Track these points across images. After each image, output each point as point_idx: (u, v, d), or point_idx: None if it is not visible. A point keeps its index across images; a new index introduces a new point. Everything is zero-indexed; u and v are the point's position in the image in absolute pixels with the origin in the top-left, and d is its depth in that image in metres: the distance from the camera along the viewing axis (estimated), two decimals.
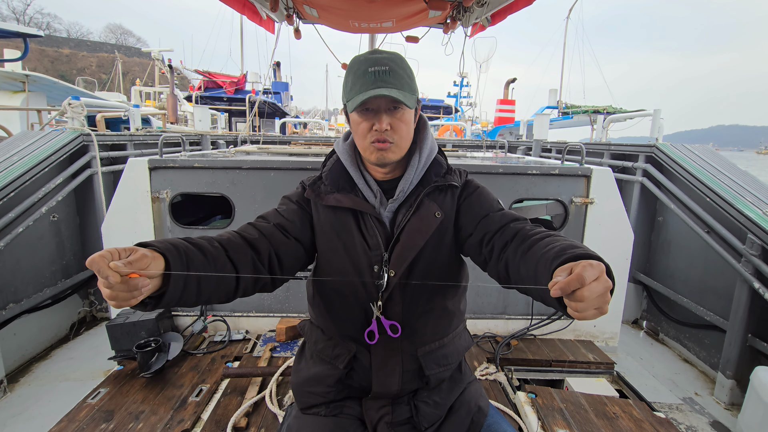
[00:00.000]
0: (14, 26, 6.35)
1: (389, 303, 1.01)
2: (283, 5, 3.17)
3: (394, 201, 1.03)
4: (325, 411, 1.07)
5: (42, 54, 41.68)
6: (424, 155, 1.06)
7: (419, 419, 1.04)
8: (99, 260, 0.64)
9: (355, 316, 1.04)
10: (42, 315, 2.63)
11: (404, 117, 0.98)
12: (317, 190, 1.06)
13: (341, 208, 1.03)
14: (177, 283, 0.75)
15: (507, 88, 19.13)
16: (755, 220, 2.18)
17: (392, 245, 1.00)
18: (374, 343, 1.02)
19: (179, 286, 0.76)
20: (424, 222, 1.00)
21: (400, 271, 0.99)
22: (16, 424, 1.96)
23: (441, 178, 1.06)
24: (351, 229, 1.03)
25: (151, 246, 0.75)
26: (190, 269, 0.78)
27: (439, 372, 1.07)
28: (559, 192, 2.40)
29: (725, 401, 2.27)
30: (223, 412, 1.71)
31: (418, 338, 1.05)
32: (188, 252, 0.80)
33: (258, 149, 3.66)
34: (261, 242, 0.96)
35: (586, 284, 0.60)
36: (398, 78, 0.94)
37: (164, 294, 0.74)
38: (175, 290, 0.75)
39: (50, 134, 2.83)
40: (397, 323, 1.01)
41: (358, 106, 0.93)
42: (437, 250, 1.04)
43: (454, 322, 1.12)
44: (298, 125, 13.63)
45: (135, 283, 0.67)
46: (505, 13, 2.91)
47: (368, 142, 0.98)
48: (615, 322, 2.52)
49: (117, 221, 2.29)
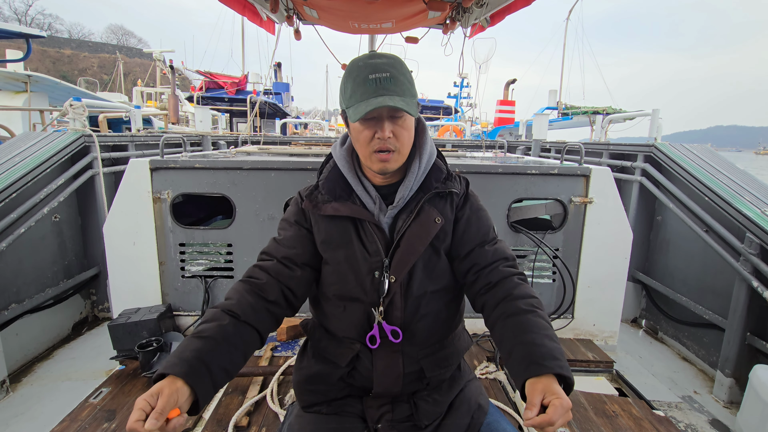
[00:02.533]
0: (16, 27, 6.38)
1: (390, 308, 1.02)
2: (284, 6, 3.18)
3: (394, 207, 1.03)
4: (326, 409, 1.08)
5: (44, 55, 41.77)
6: (423, 161, 1.06)
7: (419, 417, 1.05)
8: (135, 426, 0.71)
9: (357, 320, 1.05)
10: (44, 315, 2.65)
11: (406, 124, 0.98)
12: (314, 201, 1.06)
13: (340, 217, 1.03)
14: (206, 390, 0.83)
15: (507, 88, 19.12)
16: (754, 219, 2.18)
17: (392, 251, 1.01)
18: (376, 347, 1.03)
19: (209, 389, 0.84)
20: (425, 228, 1.01)
21: (401, 276, 1.00)
22: (19, 423, 1.97)
23: (441, 184, 1.06)
24: (350, 237, 1.03)
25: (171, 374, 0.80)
26: (212, 370, 0.84)
27: (440, 373, 1.08)
28: (558, 191, 2.40)
29: (724, 399, 2.27)
30: (224, 411, 1.72)
31: (418, 341, 1.05)
32: (203, 357, 0.85)
33: (259, 150, 3.67)
34: (270, 286, 1.01)
35: (554, 425, 0.75)
36: (399, 84, 0.94)
37: (198, 401, 0.82)
38: (206, 395, 0.83)
39: (52, 135, 2.85)
40: (398, 328, 1.02)
41: (361, 117, 0.92)
42: (437, 255, 1.05)
43: (454, 323, 1.13)
44: (299, 126, 13.64)
45: (173, 425, 0.74)
46: (504, 13, 2.92)
47: (370, 151, 0.97)
48: (614, 320, 2.53)
49: (118, 222, 2.31)
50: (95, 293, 3.15)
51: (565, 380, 0.82)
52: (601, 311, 2.50)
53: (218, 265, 2.51)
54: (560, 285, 2.46)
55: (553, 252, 2.43)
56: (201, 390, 0.81)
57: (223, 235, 2.40)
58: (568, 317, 2.50)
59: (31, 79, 6.85)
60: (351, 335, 1.06)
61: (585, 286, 2.47)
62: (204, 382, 0.82)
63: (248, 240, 2.38)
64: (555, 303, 2.50)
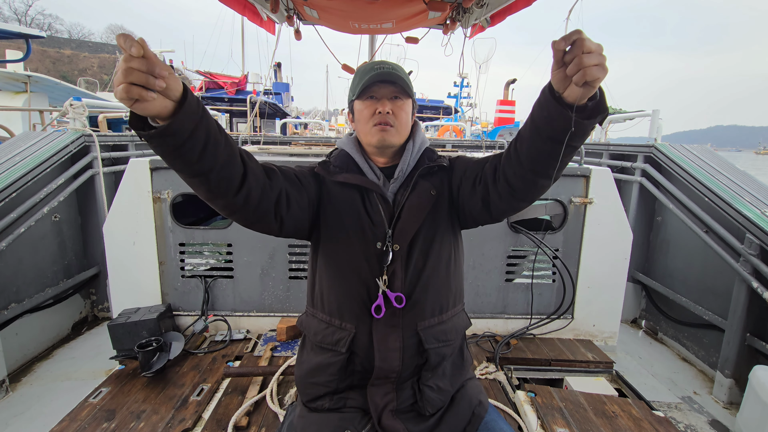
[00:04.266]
0: (16, 27, 6.38)
1: (392, 277, 1.07)
2: (284, 6, 3.18)
3: (396, 181, 1.14)
4: (329, 403, 1.09)
5: (44, 55, 41.76)
6: (417, 143, 1.19)
7: (423, 404, 1.07)
8: (126, 35, 0.65)
9: (358, 293, 1.09)
10: (44, 315, 2.65)
11: (404, 106, 1.12)
12: (327, 169, 1.15)
13: (348, 186, 1.12)
14: (186, 120, 0.73)
15: (507, 88, 19.13)
16: (754, 220, 2.18)
17: (394, 222, 1.09)
18: (380, 317, 1.06)
19: (187, 126, 0.74)
20: (422, 198, 1.11)
21: (404, 245, 1.07)
22: (18, 423, 1.97)
23: (433, 161, 1.17)
24: (357, 207, 1.10)
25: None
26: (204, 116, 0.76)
27: (439, 347, 1.11)
28: (558, 192, 2.41)
29: (724, 400, 2.27)
30: (224, 411, 1.72)
31: (418, 312, 1.10)
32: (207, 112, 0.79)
33: (259, 150, 3.67)
34: (276, 176, 1.01)
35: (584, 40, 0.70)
36: (399, 78, 1.09)
37: (170, 125, 0.72)
38: (182, 125, 0.73)
39: (52, 135, 2.85)
40: (402, 294, 1.07)
41: (364, 92, 1.09)
42: (435, 227, 1.12)
43: (452, 299, 1.17)
44: (299, 126, 13.64)
45: (153, 64, 0.66)
46: (504, 14, 2.92)
47: (371, 125, 1.10)
48: (614, 321, 2.53)
49: (118, 221, 2.30)
50: (95, 293, 3.15)
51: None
52: (600, 312, 2.51)
53: (218, 265, 2.51)
54: (560, 285, 2.46)
55: (553, 252, 2.43)
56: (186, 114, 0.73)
57: (222, 235, 2.40)
58: (567, 318, 2.50)
59: (31, 80, 6.86)
60: (352, 309, 1.09)
61: (585, 286, 2.47)
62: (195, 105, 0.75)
63: (248, 240, 2.38)
64: (555, 303, 2.50)
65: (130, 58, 0.65)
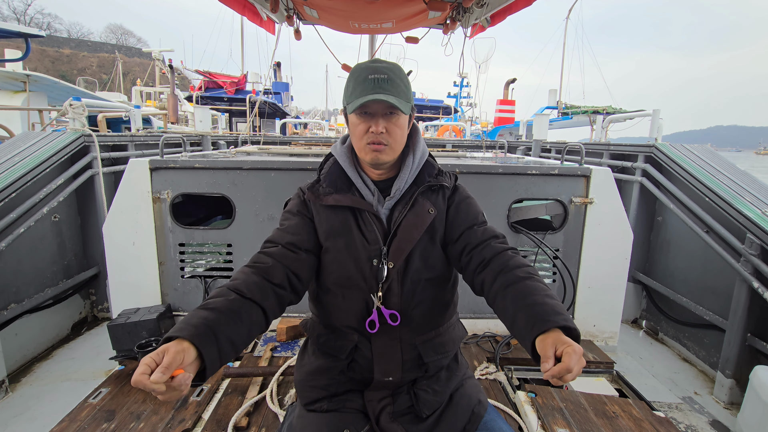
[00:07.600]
0: (15, 26, 6.36)
1: (388, 294, 1.07)
2: (284, 6, 3.18)
3: (391, 198, 1.11)
4: (327, 405, 1.10)
5: (43, 54, 41.71)
6: (417, 157, 1.14)
7: (420, 407, 1.08)
8: (141, 379, 0.71)
9: (356, 308, 1.09)
10: (43, 315, 2.64)
11: (399, 122, 1.05)
12: (316, 192, 1.12)
13: (340, 207, 1.09)
14: (212, 357, 0.82)
15: (507, 88, 19.13)
16: (754, 220, 2.18)
17: (390, 239, 1.07)
18: (375, 332, 1.07)
19: (215, 357, 0.83)
20: (420, 218, 1.08)
21: (398, 263, 1.06)
22: (18, 423, 1.97)
23: (433, 178, 1.14)
24: (350, 227, 1.08)
25: (177, 337, 0.80)
26: (218, 338, 0.83)
27: (438, 359, 1.12)
28: (558, 192, 2.40)
29: (724, 400, 2.27)
30: (224, 411, 1.72)
31: (415, 327, 1.10)
32: (210, 324, 0.84)
33: (258, 150, 3.67)
34: (275, 269, 1.01)
35: (572, 372, 0.76)
36: (395, 86, 1.02)
37: (205, 369, 0.81)
38: (213, 363, 0.82)
39: (51, 135, 2.84)
40: (396, 312, 1.07)
41: (357, 108, 1.02)
42: (431, 245, 1.11)
43: (448, 312, 1.18)
44: (299, 125, 13.64)
45: (179, 381, 0.73)
46: (504, 13, 2.92)
47: (364, 143, 1.05)
48: (614, 321, 2.52)
49: (118, 222, 2.30)
50: (95, 293, 3.14)
51: (571, 332, 0.84)
52: (601, 312, 2.50)
53: (218, 265, 2.51)
54: (560, 285, 2.46)
55: (553, 252, 2.43)
56: (207, 354, 0.80)
57: (222, 235, 2.40)
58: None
59: (30, 79, 6.84)
60: (351, 323, 1.10)
61: (585, 286, 2.47)
62: (210, 347, 0.81)
63: (248, 240, 2.38)
64: None
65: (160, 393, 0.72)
